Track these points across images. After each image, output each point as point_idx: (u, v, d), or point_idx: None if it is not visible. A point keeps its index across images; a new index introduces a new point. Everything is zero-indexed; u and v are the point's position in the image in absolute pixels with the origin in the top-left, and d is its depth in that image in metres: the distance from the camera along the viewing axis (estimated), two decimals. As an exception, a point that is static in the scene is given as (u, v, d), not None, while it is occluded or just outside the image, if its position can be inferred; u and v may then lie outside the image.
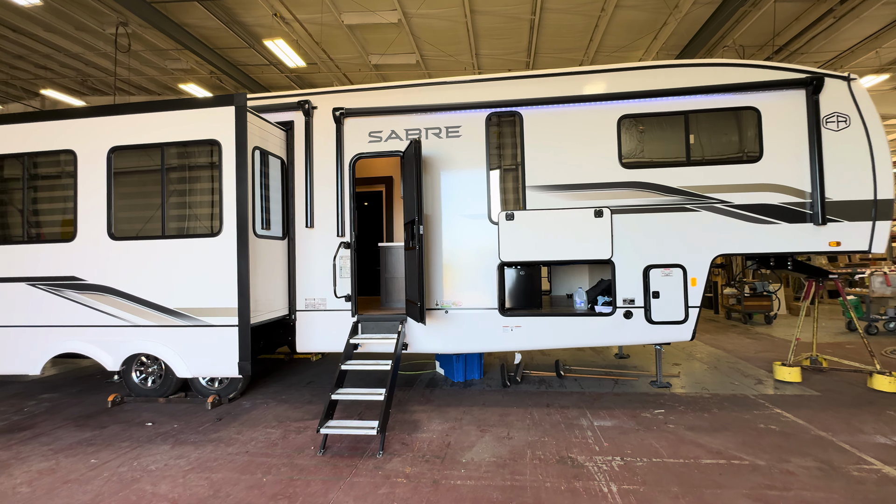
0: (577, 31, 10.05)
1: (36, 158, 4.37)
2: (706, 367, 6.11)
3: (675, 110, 4.44)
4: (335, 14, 9.71)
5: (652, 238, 4.43)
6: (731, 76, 4.35)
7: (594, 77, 4.54)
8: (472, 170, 4.69)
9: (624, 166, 4.49)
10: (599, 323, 4.51)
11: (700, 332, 8.61)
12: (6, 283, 4.34)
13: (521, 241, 4.54)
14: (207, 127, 4.07)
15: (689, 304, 4.36)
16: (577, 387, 5.33)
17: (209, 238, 4.05)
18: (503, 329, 4.59)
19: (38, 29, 10.78)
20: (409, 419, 4.42)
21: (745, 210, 4.31)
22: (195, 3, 9.46)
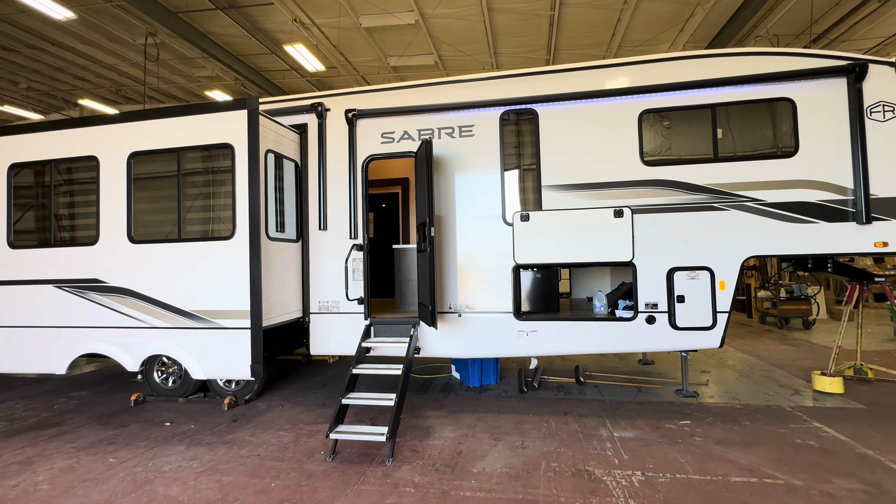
0: (597, 25, 9.77)
1: (62, 164, 4.53)
2: (738, 375, 5.77)
3: (701, 103, 4.19)
4: (353, 17, 9.77)
5: (676, 239, 4.19)
6: (763, 65, 4.06)
7: (613, 71, 4.34)
8: (485, 169, 4.57)
9: (646, 164, 4.27)
10: (620, 328, 4.30)
11: (731, 338, 8.18)
12: (35, 285, 4.51)
13: (536, 243, 4.39)
14: (221, 131, 4.10)
15: (717, 309, 4.09)
16: (598, 394, 5.12)
17: (223, 241, 4.08)
18: (518, 334, 4.44)
19: (75, 42, 11.32)
20: (422, 425, 4.33)
21: (780, 209, 4.02)
22: (218, 12, 9.70)
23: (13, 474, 3.51)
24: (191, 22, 10.16)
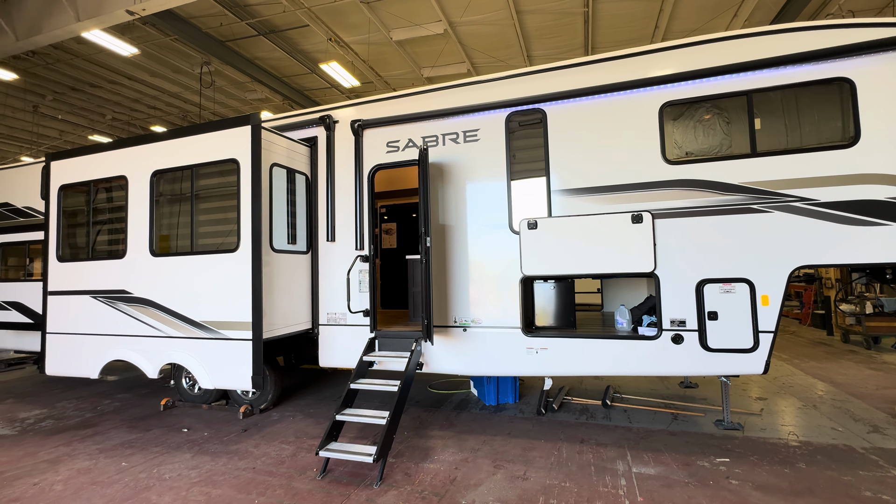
0: (636, 18, 9.13)
1: (100, 185, 4.93)
2: (802, 404, 4.93)
3: (734, 91, 3.66)
4: (384, 32, 9.95)
5: (707, 246, 3.65)
6: (810, 42, 3.46)
7: (628, 62, 3.93)
8: (491, 175, 4.32)
9: (668, 162, 3.79)
10: (642, 348, 3.81)
11: (803, 358, 7.10)
12: (75, 295, 4.92)
13: (545, 253, 4.05)
14: (228, 147, 4.24)
15: (758, 329, 3.49)
16: (625, 420, 4.59)
17: (229, 254, 4.18)
18: (527, 351, 4.10)
19: (145, 75, 12.62)
20: (423, 445, 4.11)
21: (837, 209, 3.36)
22: (261, 38, 10.33)
23: (39, 472, 3.78)
24: (239, 49, 10.93)
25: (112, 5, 7.48)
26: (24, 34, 8.37)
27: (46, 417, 5.29)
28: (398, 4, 9.01)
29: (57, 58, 11.33)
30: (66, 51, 10.91)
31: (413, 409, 5.21)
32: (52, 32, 8.16)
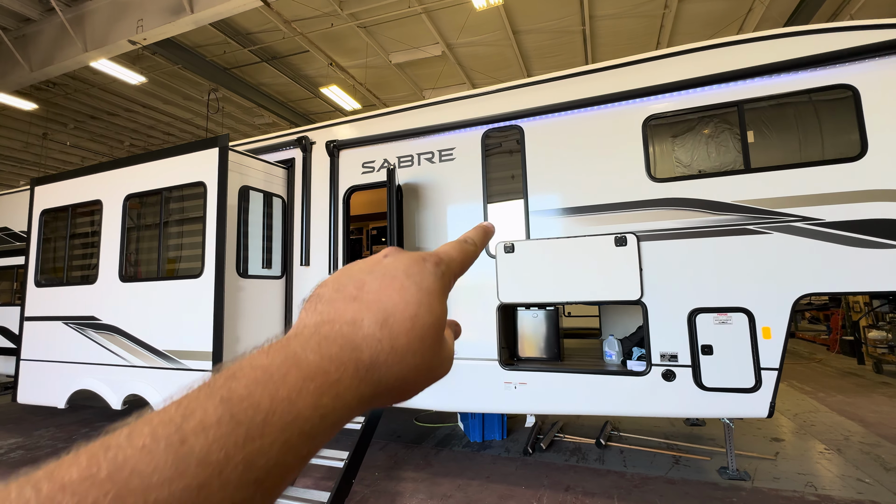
0: (637, 35, 8.93)
1: (78, 209, 4.90)
2: (824, 447, 4.38)
3: (724, 101, 3.35)
4: (383, 56, 10.02)
5: (698, 272, 3.29)
6: (807, 47, 3.15)
7: (607, 74, 3.68)
8: (466, 194, 4.08)
9: (654, 180, 3.48)
10: (630, 385, 3.42)
11: (830, 391, 6.45)
12: (49, 321, 4.83)
13: (523, 278, 3.74)
14: (197, 170, 4.14)
15: (760, 365, 3.07)
16: (620, 463, 4.15)
17: (193, 279, 4.02)
18: (505, 386, 3.75)
19: (158, 103, 13.05)
20: (392, 489, 3.76)
21: (844, 229, 2.97)
22: (264, 64, 10.55)
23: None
24: (243, 75, 11.19)
25: (116, 35, 7.73)
26: (37, 66, 8.73)
27: (18, 447, 5.15)
28: (396, 28, 9.07)
29: (75, 88, 11.82)
30: (83, 81, 11.38)
31: (393, 444, 4.86)
32: (62, 63, 8.49)
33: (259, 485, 0.20)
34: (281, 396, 0.22)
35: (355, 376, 0.25)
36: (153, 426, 0.20)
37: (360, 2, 8.24)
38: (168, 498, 0.18)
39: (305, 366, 0.24)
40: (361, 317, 0.28)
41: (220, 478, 0.19)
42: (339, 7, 8.33)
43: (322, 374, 0.24)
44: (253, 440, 0.20)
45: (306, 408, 0.23)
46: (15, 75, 8.99)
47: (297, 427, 0.22)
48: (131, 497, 0.17)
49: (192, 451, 0.19)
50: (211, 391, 0.22)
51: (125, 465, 0.18)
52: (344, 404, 0.25)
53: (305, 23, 8.76)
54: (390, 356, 0.27)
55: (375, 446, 4.75)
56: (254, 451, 0.20)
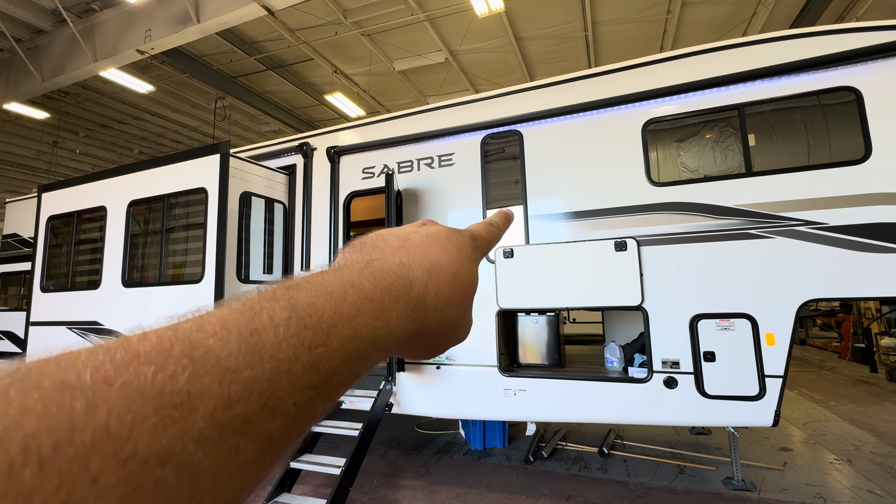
0: (640, 40, 8.92)
1: (83, 215, 4.96)
2: (834, 458, 4.27)
3: (724, 105, 3.32)
4: (387, 63, 10.11)
5: (700, 277, 3.24)
6: (808, 49, 3.12)
7: (606, 79, 3.66)
8: (465, 199, 4.07)
9: (654, 184, 3.44)
10: (631, 392, 3.36)
11: (841, 399, 6.30)
12: (53, 326, 4.88)
13: (522, 284, 3.71)
14: (198, 176, 4.18)
15: (764, 372, 3.01)
16: (623, 472, 4.07)
17: (194, 285, 4.04)
18: (504, 393, 3.70)
19: (167, 111, 13.26)
20: (390, 497, 3.72)
21: (849, 233, 2.91)
22: (270, 73, 10.69)
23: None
24: (250, 83, 11.34)
25: (125, 45, 7.88)
26: (49, 75, 8.92)
27: (22, 451, 5.18)
28: (399, 36, 9.15)
29: (86, 97, 12.05)
30: (93, 90, 11.60)
31: (393, 451, 4.82)
32: (72, 73, 8.66)
33: (318, 391, 0.20)
34: (342, 312, 0.23)
35: (405, 309, 0.27)
36: (222, 317, 0.20)
37: (364, 10, 8.33)
38: (240, 385, 0.18)
39: (362, 290, 0.25)
40: (410, 262, 0.29)
41: (288, 375, 0.19)
42: (343, 16, 8.43)
43: (377, 301, 0.25)
44: (318, 346, 0.21)
45: (363, 327, 0.24)
46: (27, 85, 9.18)
47: (355, 344, 0.23)
48: (207, 376, 0.17)
49: (263, 343, 0.19)
50: (275, 297, 0.22)
51: (199, 346, 0.18)
52: (392, 333, 0.26)
53: (310, 31, 8.87)
54: (435, 301, 0.29)
55: (375, 453, 4.72)
56: (318, 356, 0.21)
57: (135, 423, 0.15)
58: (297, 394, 0.19)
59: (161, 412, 0.16)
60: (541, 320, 4.06)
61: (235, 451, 0.17)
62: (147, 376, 0.16)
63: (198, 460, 0.16)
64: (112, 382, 0.15)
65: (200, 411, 0.16)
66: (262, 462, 0.18)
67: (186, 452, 0.16)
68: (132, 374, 0.16)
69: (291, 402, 0.19)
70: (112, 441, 0.14)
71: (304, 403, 0.20)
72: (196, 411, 0.16)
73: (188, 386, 0.16)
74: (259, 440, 0.18)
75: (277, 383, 0.19)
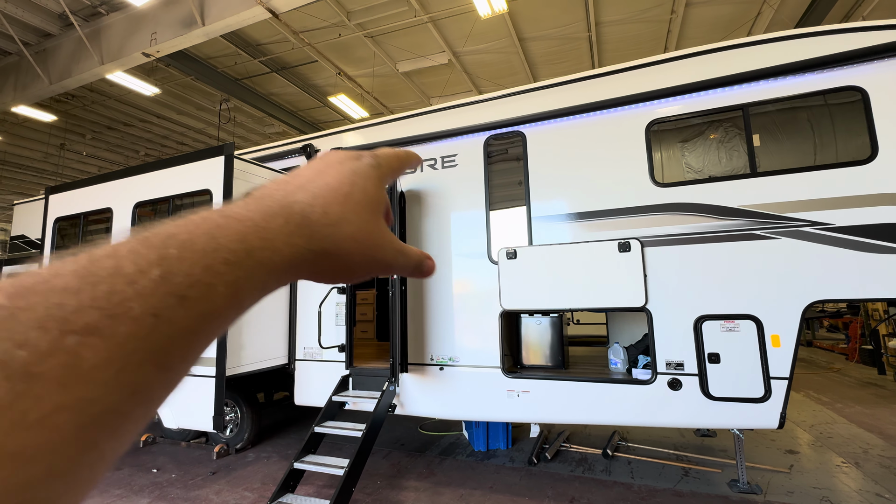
0: (644, 40, 8.90)
1: (89, 217, 5.01)
2: (842, 461, 4.23)
3: (728, 105, 3.31)
4: (390, 65, 10.13)
5: (704, 278, 3.22)
6: (813, 49, 3.10)
7: (609, 80, 3.66)
8: (468, 201, 4.07)
9: (657, 184, 3.43)
10: (635, 393, 3.35)
11: (847, 402, 6.25)
12: (60, 327, 4.92)
13: (526, 285, 3.70)
14: (203, 178, 4.21)
15: (769, 374, 2.99)
16: (628, 474, 4.05)
17: (198, 286, 4.06)
18: (507, 394, 3.70)
19: (172, 113, 13.35)
20: (393, 499, 3.72)
21: (856, 234, 2.89)
22: (274, 75, 10.74)
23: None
24: (254, 85, 11.41)
25: (131, 48, 7.95)
26: (56, 78, 9.01)
27: (29, 451, 5.22)
28: (402, 37, 9.17)
29: (92, 99, 12.16)
30: (100, 93, 11.71)
31: (396, 452, 4.82)
32: (80, 76, 8.74)
33: (182, 298, 0.21)
34: (201, 230, 0.24)
35: (285, 224, 0.27)
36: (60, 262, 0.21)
37: (368, 12, 8.36)
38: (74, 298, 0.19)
39: (229, 212, 0.26)
40: (294, 191, 0.30)
41: (134, 287, 0.20)
42: (347, 17, 8.46)
43: (248, 220, 0.26)
44: (167, 259, 0.21)
45: (230, 241, 0.24)
46: (35, 88, 9.28)
47: (221, 256, 0.23)
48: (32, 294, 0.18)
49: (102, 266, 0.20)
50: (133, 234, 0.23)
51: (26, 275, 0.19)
52: (273, 247, 0.26)
53: (314, 33, 8.91)
54: (322, 218, 0.29)
55: (379, 454, 4.72)
56: (169, 267, 0.21)
57: None
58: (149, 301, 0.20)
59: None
60: (544, 321, 4.05)
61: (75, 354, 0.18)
62: None
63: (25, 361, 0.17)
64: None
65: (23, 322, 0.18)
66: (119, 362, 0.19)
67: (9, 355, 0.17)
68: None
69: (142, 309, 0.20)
70: None
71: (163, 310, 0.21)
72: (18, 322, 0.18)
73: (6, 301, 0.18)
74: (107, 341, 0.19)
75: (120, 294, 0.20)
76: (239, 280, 0.24)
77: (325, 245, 0.29)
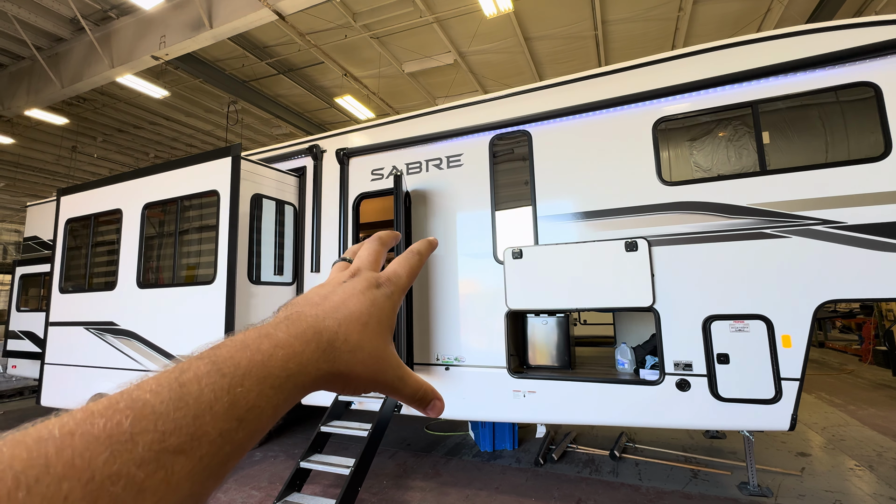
0: (651, 38, 8.82)
1: (99, 218, 5.07)
2: (854, 463, 4.16)
3: (736, 102, 3.26)
4: (396, 66, 10.16)
5: (713, 278, 3.18)
6: (824, 44, 3.05)
7: (615, 78, 3.63)
8: (474, 200, 4.06)
9: (665, 183, 3.40)
10: (643, 394, 3.31)
11: (861, 404, 6.14)
12: (71, 326, 4.99)
13: (531, 284, 3.69)
14: (210, 179, 4.24)
15: (780, 375, 2.94)
16: (635, 476, 4.01)
17: (206, 286, 4.10)
18: (513, 394, 3.68)
19: (181, 116, 13.50)
20: (399, 498, 3.72)
21: (868, 232, 2.84)
22: (281, 76, 10.82)
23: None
24: (261, 87, 11.50)
25: (140, 52, 8.05)
26: (68, 82, 9.15)
27: (41, 449, 5.30)
28: (408, 38, 9.19)
29: (103, 102, 12.33)
30: (110, 96, 11.87)
31: (402, 452, 4.83)
32: (91, 79, 8.87)
33: (241, 420, 0.27)
34: (256, 360, 0.29)
35: (316, 351, 0.33)
36: (157, 378, 0.26)
37: (373, 13, 8.39)
38: (171, 423, 0.24)
39: (275, 339, 0.31)
40: (323, 315, 0.36)
41: (211, 412, 0.26)
42: (353, 19, 8.50)
43: (289, 346, 0.31)
44: (235, 387, 0.27)
45: (276, 368, 0.30)
46: (48, 92, 9.44)
47: (269, 382, 0.29)
48: (145, 420, 0.23)
49: (189, 391, 0.26)
50: (200, 356, 0.29)
51: (139, 399, 0.24)
52: (306, 371, 0.31)
53: (320, 35, 8.96)
54: (344, 344, 0.35)
55: (385, 454, 4.73)
56: (236, 395, 0.27)
57: (92, 457, 0.21)
58: (220, 424, 0.26)
59: (111, 448, 0.22)
60: (550, 321, 4.03)
61: (171, 470, 0.23)
62: (99, 425, 0.22)
63: (140, 478, 0.22)
64: (74, 432, 0.22)
65: (140, 444, 0.23)
66: (197, 478, 0.24)
67: (131, 474, 0.22)
68: (88, 425, 0.22)
69: (216, 432, 0.25)
70: (76, 470, 0.21)
71: (228, 432, 0.26)
72: (137, 444, 0.23)
73: (130, 428, 0.23)
74: (191, 460, 0.24)
75: (202, 419, 0.25)
76: (280, 402, 0.30)
77: (342, 368, 0.34)
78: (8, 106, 10.07)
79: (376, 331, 0.37)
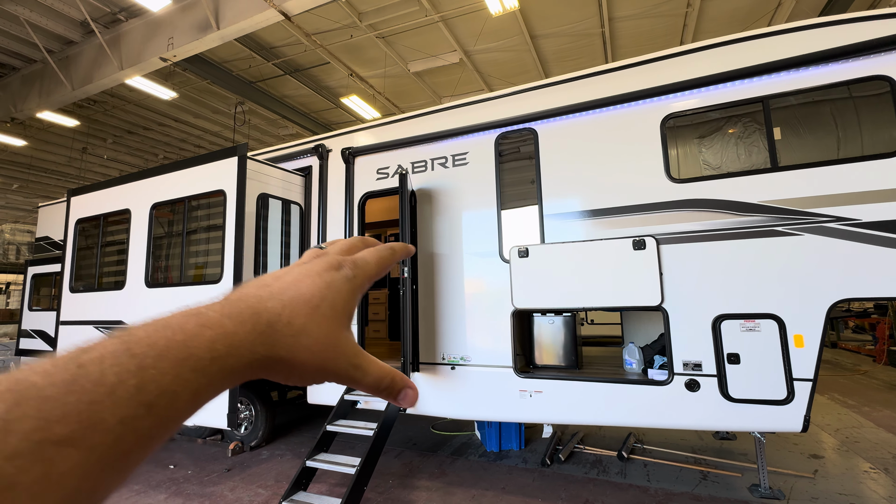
0: (659, 35, 8.73)
1: (108, 218, 5.13)
2: (869, 466, 4.07)
3: (747, 98, 3.21)
4: (402, 65, 10.16)
5: (722, 276, 3.13)
6: (838, 37, 2.98)
7: (622, 74, 3.58)
8: (480, 199, 4.04)
9: (673, 180, 3.35)
10: (651, 394, 3.27)
11: (875, 405, 6.02)
12: (81, 325, 5.05)
13: (538, 283, 3.66)
14: (217, 178, 4.26)
15: (792, 376, 2.88)
16: (644, 477, 3.96)
17: (213, 285, 4.12)
18: (520, 394, 3.66)
19: (189, 117, 13.63)
20: (405, 498, 3.71)
21: (884, 229, 2.77)
22: (287, 77, 10.87)
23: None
24: (268, 88, 11.56)
25: (149, 53, 8.13)
26: (78, 84, 9.27)
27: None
28: (413, 37, 9.18)
29: (113, 104, 12.49)
30: (120, 98, 12.02)
31: (408, 452, 4.82)
32: (100, 81, 8.98)
33: (150, 406, 0.23)
34: (176, 339, 0.26)
35: (252, 332, 0.29)
36: (55, 359, 0.23)
37: (379, 13, 8.39)
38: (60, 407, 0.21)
39: (204, 318, 0.28)
40: (268, 296, 0.32)
41: (112, 397, 0.22)
42: (359, 19, 8.51)
43: (219, 326, 0.28)
44: (145, 369, 0.24)
45: (199, 349, 0.26)
46: (59, 94, 9.57)
47: (190, 364, 0.26)
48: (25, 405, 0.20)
49: (88, 373, 0.22)
50: (112, 335, 0.26)
51: (24, 381, 0.21)
52: (237, 354, 0.28)
53: (326, 35, 8.98)
54: (286, 328, 0.31)
55: (391, 453, 4.72)
56: (145, 378, 0.24)
57: None
58: (121, 411, 0.22)
59: None
60: (557, 321, 4.00)
61: (52, 463, 0.20)
62: None
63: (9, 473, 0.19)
64: None
65: (14, 433, 0.19)
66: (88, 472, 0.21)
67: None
68: None
69: (115, 419, 0.22)
70: None
71: (131, 419, 0.23)
72: (10, 433, 0.19)
73: (4, 414, 0.20)
74: (81, 451, 0.21)
75: (100, 404, 0.22)
76: (201, 387, 0.26)
77: (282, 353, 0.31)
78: (20, 108, 10.22)
79: (328, 315, 0.33)
